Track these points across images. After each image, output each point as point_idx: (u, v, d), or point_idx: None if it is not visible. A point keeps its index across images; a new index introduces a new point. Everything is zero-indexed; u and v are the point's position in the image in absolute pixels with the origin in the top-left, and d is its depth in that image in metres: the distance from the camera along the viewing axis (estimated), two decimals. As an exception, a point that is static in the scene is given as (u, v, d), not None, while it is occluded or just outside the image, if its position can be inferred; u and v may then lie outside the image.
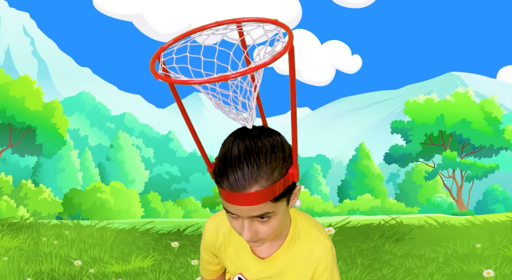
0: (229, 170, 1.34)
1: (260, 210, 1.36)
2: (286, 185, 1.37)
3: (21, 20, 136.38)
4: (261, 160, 1.33)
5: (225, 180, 1.35)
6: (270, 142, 1.37)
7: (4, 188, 26.29)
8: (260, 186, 1.33)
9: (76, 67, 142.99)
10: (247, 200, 1.34)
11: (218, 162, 1.39)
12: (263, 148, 1.35)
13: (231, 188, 1.34)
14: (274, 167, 1.34)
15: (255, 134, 1.38)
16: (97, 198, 26.85)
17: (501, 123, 29.28)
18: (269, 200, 1.35)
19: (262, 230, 1.41)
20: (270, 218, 1.40)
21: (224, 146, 1.41)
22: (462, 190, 30.18)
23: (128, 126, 52.71)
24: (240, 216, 1.40)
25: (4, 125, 27.27)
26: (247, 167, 1.32)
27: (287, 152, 1.39)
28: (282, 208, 1.42)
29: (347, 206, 32.07)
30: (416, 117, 29.99)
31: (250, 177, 1.32)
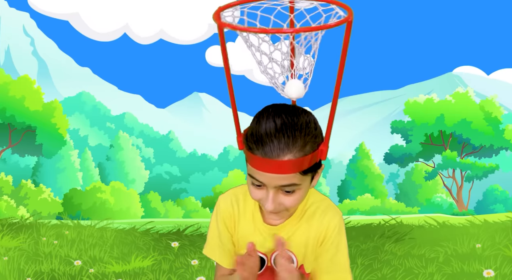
0: (265, 137, 1.39)
1: (289, 180, 1.41)
2: (315, 160, 1.44)
3: (21, 20, 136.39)
4: (296, 133, 1.40)
5: (259, 146, 1.39)
6: (305, 119, 1.44)
7: (4, 188, 26.30)
8: (292, 155, 1.38)
9: (76, 67, 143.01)
10: (279, 168, 1.38)
11: (252, 130, 1.43)
12: (299, 122, 1.41)
13: (265, 154, 1.38)
14: (307, 141, 1.41)
15: (290, 109, 1.44)
16: (97, 198, 26.86)
17: (501, 123, 29.28)
18: (298, 172, 1.40)
19: (286, 202, 1.45)
20: (295, 192, 1.44)
21: (259, 117, 1.45)
22: (462, 190, 30.19)
23: (128, 126, 52.73)
24: (266, 186, 1.43)
25: (4, 125, 27.27)
26: (283, 137, 1.38)
27: (319, 130, 1.47)
28: (307, 183, 1.47)
29: (347, 206, 32.07)
30: (416, 117, 30.00)
31: (285, 146, 1.38)
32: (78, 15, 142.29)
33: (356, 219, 12.09)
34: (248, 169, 1.46)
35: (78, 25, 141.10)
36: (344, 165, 38.44)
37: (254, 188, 1.47)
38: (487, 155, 29.93)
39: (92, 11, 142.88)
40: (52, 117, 27.52)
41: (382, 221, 9.74)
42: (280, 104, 1.47)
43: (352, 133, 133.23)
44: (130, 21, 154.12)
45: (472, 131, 29.20)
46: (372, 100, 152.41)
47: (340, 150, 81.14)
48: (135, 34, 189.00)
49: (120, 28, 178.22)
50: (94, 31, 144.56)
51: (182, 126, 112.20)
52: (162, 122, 76.75)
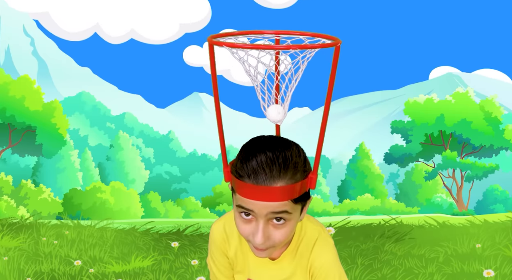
0: (256, 166, 1.41)
1: (281, 207, 1.41)
2: (305, 188, 1.45)
3: (21, 20, 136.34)
4: (287, 161, 1.42)
5: (250, 174, 1.40)
6: (294, 150, 1.47)
7: (4, 188, 26.29)
8: (284, 182, 1.40)
9: (76, 67, 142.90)
10: (271, 195, 1.39)
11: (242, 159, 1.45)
12: (288, 153, 1.44)
13: (257, 181, 1.39)
14: (298, 169, 1.44)
15: (279, 141, 1.47)
16: (97, 198, 26.85)
17: (501, 123, 29.27)
18: (290, 199, 1.42)
19: (275, 235, 1.44)
20: (285, 223, 1.44)
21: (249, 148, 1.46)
22: (462, 190, 30.18)
23: (128, 126, 52.71)
24: (256, 216, 1.42)
25: (4, 125, 27.26)
26: (274, 165, 1.40)
27: (307, 160, 1.50)
28: (297, 215, 1.47)
29: (347, 206, 32.07)
30: (416, 117, 29.99)
31: (277, 174, 1.40)
32: (48, 14, 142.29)
33: (356, 219, 12.08)
34: (237, 200, 1.44)
35: (48, 25, 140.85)
36: (344, 165, 38.41)
37: (242, 223, 1.45)
38: (487, 155, 29.92)
39: (62, 10, 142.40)
40: (52, 117, 27.51)
41: (382, 221, 9.74)
42: (268, 135, 1.49)
43: (352, 133, 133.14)
44: (100, 20, 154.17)
45: (472, 131, 29.19)
46: (372, 100, 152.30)
47: (340, 150, 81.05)
48: (106, 33, 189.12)
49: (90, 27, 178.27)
50: (64, 30, 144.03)
51: (182, 126, 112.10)
52: (162, 122, 76.75)
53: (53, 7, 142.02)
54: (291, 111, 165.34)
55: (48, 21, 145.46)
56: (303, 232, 1.57)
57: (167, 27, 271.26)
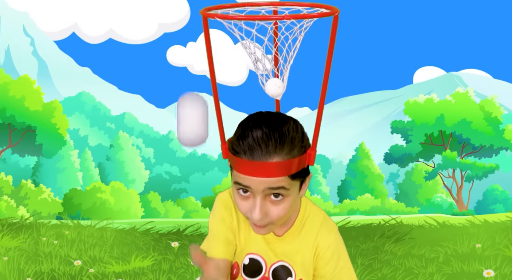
0: (252, 142, 1.39)
1: (277, 183, 1.39)
2: (303, 164, 1.43)
3: (21, 20, 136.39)
4: (283, 137, 1.39)
5: (246, 150, 1.39)
6: (291, 125, 1.43)
7: (4, 188, 26.30)
8: (281, 158, 1.38)
9: (76, 67, 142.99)
10: (267, 171, 1.37)
11: (238, 135, 1.43)
12: (285, 128, 1.41)
13: (253, 158, 1.37)
14: (295, 145, 1.41)
15: (276, 116, 1.44)
16: (97, 198, 26.86)
17: (501, 123, 29.29)
18: (287, 175, 1.39)
19: (273, 212, 1.42)
20: (283, 199, 1.42)
21: (246, 124, 1.45)
22: (462, 190, 30.20)
23: (128, 126, 52.72)
24: (253, 192, 1.41)
25: (4, 125, 27.27)
26: (270, 140, 1.38)
27: (306, 136, 1.47)
28: (295, 191, 1.44)
29: (347, 206, 32.08)
30: (416, 117, 30.00)
31: (273, 149, 1.38)
32: (26, 13, 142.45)
33: (356, 219, 12.09)
34: (234, 177, 1.43)
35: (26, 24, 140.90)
36: (344, 165, 38.43)
37: (241, 199, 1.44)
38: (487, 155, 29.93)
39: (41, 10, 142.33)
40: (52, 117, 27.52)
41: (382, 221, 9.74)
42: (266, 111, 1.47)
43: (352, 133, 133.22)
44: (79, 20, 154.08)
45: (472, 131, 29.20)
46: (372, 100, 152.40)
47: (340, 150, 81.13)
48: (84, 33, 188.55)
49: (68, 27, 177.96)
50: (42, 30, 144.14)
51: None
52: (162, 122, 76.77)
53: (32, 7, 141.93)
54: (291, 111, 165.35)
55: (27, 21, 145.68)
56: (307, 213, 1.57)
57: (146, 27, 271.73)
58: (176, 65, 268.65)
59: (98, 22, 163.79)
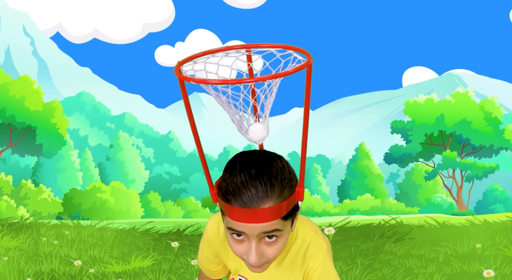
0: (241, 187, 1.37)
1: (271, 227, 1.39)
2: (293, 203, 1.43)
3: (21, 20, 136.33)
4: (272, 179, 1.38)
5: (237, 197, 1.37)
6: (278, 164, 1.42)
7: (4, 188, 26.29)
8: (272, 202, 1.37)
9: (76, 67, 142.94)
10: (260, 217, 1.37)
11: (227, 181, 1.42)
12: (273, 169, 1.40)
13: (244, 205, 1.36)
14: (284, 185, 1.40)
15: (262, 156, 1.43)
16: (97, 198, 26.85)
17: (501, 123, 29.28)
18: (279, 218, 1.39)
19: (268, 253, 1.43)
20: (277, 239, 1.43)
21: (233, 167, 1.43)
22: (462, 190, 30.19)
23: (128, 126, 52.73)
24: (248, 236, 1.41)
25: (4, 125, 27.27)
26: (260, 185, 1.37)
27: (293, 173, 1.46)
28: (288, 230, 1.45)
29: (347, 206, 32.07)
30: (416, 117, 29.99)
31: (264, 194, 1.36)
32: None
33: (356, 219, 12.09)
34: (227, 223, 1.42)
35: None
36: (344, 165, 38.42)
37: (235, 243, 1.44)
38: (487, 155, 29.92)
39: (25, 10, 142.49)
40: (52, 117, 27.52)
41: (382, 221, 9.74)
42: (250, 151, 1.46)
43: (352, 133, 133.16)
44: (63, 20, 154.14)
45: (472, 131, 29.19)
46: (372, 100, 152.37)
47: (340, 150, 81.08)
48: (68, 33, 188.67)
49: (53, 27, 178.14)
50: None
51: (182, 126, 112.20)
52: (162, 122, 76.80)
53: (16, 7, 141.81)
54: (291, 111, 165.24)
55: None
56: (295, 235, 1.57)
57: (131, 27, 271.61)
58: (164, 65, 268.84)
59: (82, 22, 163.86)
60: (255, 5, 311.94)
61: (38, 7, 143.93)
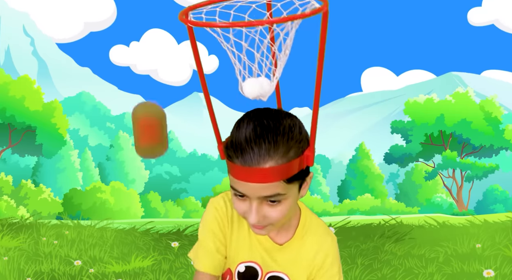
0: (244, 144, 1.31)
1: (272, 190, 1.32)
2: (301, 166, 1.35)
3: (21, 20, 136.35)
4: (278, 138, 1.31)
5: (238, 154, 1.31)
6: (288, 123, 1.35)
7: (4, 188, 26.30)
8: (275, 162, 1.30)
9: (76, 67, 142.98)
10: (261, 176, 1.30)
11: (233, 137, 1.35)
12: (281, 127, 1.33)
13: (245, 163, 1.30)
14: (291, 146, 1.32)
15: (272, 113, 1.36)
16: (97, 198, 26.85)
17: (501, 123, 29.29)
18: (282, 180, 1.32)
19: (271, 214, 1.37)
20: (280, 202, 1.36)
21: (239, 123, 1.36)
22: (462, 190, 30.20)
23: (128, 126, 52.70)
24: (249, 197, 1.35)
25: (4, 125, 27.28)
26: (263, 143, 1.30)
27: (304, 134, 1.37)
28: (293, 193, 1.38)
29: (347, 206, 32.07)
30: (416, 117, 30.01)
31: (266, 153, 1.30)
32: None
33: (356, 219, 12.09)
34: (230, 180, 1.38)
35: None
36: (344, 165, 38.44)
37: (237, 201, 1.38)
38: (487, 155, 29.94)
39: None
40: (52, 117, 27.53)
41: (382, 221, 9.74)
42: (263, 108, 1.38)
43: (352, 133, 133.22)
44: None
45: (472, 131, 29.20)
46: (372, 100, 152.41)
47: (340, 150, 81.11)
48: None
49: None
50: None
51: (182, 126, 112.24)
52: (162, 122, 76.57)
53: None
54: (291, 111, 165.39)
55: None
56: (308, 224, 1.52)
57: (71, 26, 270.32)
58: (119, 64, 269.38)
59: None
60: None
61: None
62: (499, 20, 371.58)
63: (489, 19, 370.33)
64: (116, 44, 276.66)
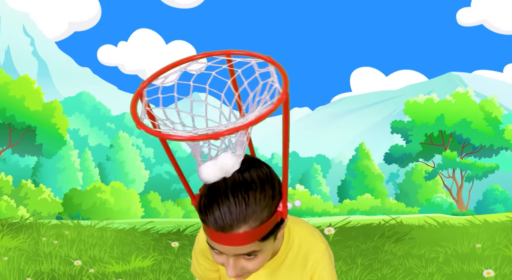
0: (215, 207, 1.25)
1: (247, 249, 1.31)
2: (274, 223, 1.31)
3: (21, 20, 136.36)
4: (250, 198, 1.25)
5: (210, 218, 1.26)
6: (259, 177, 1.28)
7: (4, 188, 26.30)
8: (248, 226, 1.26)
9: (76, 67, 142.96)
10: (234, 241, 1.28)
11: (204, 197, 1.29)
12: (252, 184, 1.26)
13: (217, 228, 1.26)
14: (264, 205, 1.27)
15: (243, 166, 1.29)
16: (97, 198, 26.86)
17: (501, 123, 29.29)
18: (256, 241, 1.29)
19: (248, 266, 1.36)
20: (257, 256, 1.35)
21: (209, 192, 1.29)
22: (462, 190, 30.20)
23: (128, 126, 52.72)
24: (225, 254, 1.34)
25: (4, 125, 27.28)
26: (234, 206, 1.24)
27: (277, 187, 1.31)
28: (269, 245, 1.36)
29: (347, 206, 32.08)
30: (416, 117, 30.00)
31: (238, 217, 1.25)
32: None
33: (356, 219, 12.09)
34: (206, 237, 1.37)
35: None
36: (344, 165, 38.44)
37: (214, 254, 1.37)
38: (487, 155, 29.93)
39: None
40: (52, 117, 27.53)
41: (382, 221, 9.74)
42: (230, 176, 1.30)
43: (352, 133, 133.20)
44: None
45: (472, 131, 29.20)
46: (372, 100, 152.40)
47: (340, 150, 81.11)
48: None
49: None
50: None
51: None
52: (162, 122, 76.49)
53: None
54: (291, 111, 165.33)
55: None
56: (291, 241, 1.50)
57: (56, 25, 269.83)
58: (107, 64, 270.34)
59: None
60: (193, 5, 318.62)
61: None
62: (488, 20, 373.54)
63: (477, 19, 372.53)
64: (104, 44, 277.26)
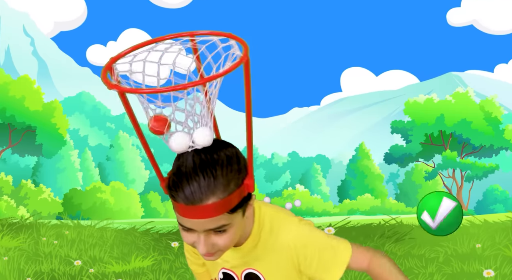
0: (185, 182, 1.33)
1: (216, 223, 1.35)
2: (242, 196, 1.38)
3: (21, 20, 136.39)
4: (217, 172, 1.33)
5: (180, 193, 1.33)
6: (225, 154, 1.37)
7: (4, 188, 26.30)
8: (216, 197, 1.33)
9: (76, 67, 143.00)
10: (204, 213, 1.33)
11: (172, 175, 1.39)
12: (219, 160, 1.35)
13: (187, 201, 1.33)
14: (230, 178, 1.35)
15: (209, 146, 1.37)
16: (97, 198, 26.86)
17: (501, 123, 29.29)
18: (225, 212, 1.35)
19: (219, 242, 1.41)
20: (226, 231, 1.39)
21: (178, 160, 1.41)
22: (462, 190, 30.20)
23: (128, 126, 52.70)
24: (196, 230, 1.38)
25: (4, 125, 27.27)
26: (203, 179, 1.32)
27: (242, 163, 1.40)
28: (238, 219, 1.41)
29: (347, 206, 32.08)
30: (416, 117, 30.00)
31: (207, 189, 1.32)
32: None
33: (356, 219, 12.09)
34: (176, 215, 1.41)
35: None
36: (344, 165, 38.44)
37: (185, 233, 1.41)
38: (487, 155, 29.93)
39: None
40: (52, 117, 27.53)
41: (382, 221, 9.74)
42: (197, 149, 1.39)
43: (352, 133, 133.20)
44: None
45: (472, 131, 29.20)
46: (372, 100, 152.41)
47: (340, 150, 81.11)
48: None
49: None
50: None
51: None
52: (162, 122, 76.51)
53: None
54: (291, 111, 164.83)
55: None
56: (262, 221, 1.53)
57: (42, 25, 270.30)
58: (96, 64, 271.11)
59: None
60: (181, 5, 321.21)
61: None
62: (478, 20, 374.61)
63: (467, 19, 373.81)
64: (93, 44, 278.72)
